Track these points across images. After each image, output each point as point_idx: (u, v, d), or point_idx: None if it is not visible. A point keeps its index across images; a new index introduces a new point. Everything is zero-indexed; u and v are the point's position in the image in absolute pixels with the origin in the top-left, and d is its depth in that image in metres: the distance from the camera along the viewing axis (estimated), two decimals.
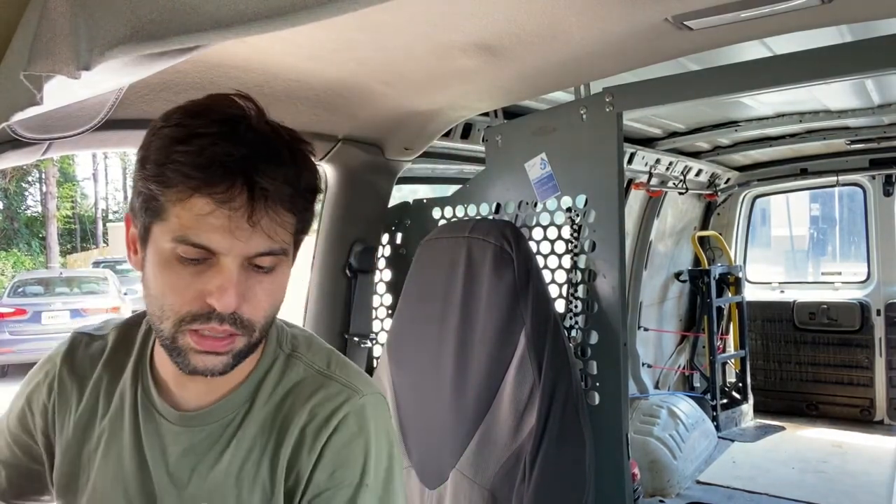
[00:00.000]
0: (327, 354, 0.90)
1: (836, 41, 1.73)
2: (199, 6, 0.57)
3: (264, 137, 0.73)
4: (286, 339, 0.90)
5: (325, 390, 0.84)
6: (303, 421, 0.82)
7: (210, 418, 0.84)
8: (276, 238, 0.74)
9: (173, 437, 0.84)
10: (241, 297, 0.74)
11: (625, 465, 1.47)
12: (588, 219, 1.55)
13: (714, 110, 3.01)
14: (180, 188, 0.70)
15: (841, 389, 4.51)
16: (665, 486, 3.37)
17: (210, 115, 0.72)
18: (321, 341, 0.93)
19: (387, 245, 1.98)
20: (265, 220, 0.72)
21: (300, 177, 0.75)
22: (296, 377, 0.86)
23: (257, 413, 0.84)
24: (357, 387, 0.85)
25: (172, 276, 0.73)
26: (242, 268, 0.74)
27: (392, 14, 1.03)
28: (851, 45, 1.51)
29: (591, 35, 1.18)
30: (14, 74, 0.61)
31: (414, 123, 1.70)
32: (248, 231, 0.71)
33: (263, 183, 0.71)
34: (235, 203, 0.70)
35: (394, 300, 1.94)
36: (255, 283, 0.75)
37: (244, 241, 0.72)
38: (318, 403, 0.83)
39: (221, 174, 0.69)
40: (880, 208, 4.35)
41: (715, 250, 4.78)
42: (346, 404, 0.83)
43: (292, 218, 0.76)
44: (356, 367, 0.91)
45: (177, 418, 0.84)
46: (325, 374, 0.86)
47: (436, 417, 1.58)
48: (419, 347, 1.66)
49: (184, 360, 0.76)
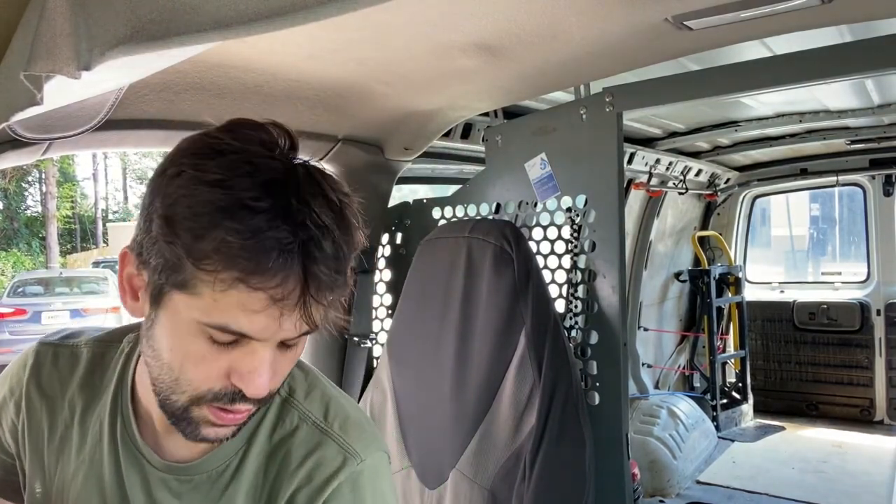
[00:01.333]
0: (325, 402, 0.82)
1: (836, 41, 1.73)
2: (199, 6, 0.57)
3: (316, 207, 0.64)
4: (283, 381, 0.83)
5: (321, 452, 0.77)
6: (294, 486, 0.76)
7: (199, 469, 0.78)
8: (315, 320, 0.67)
9: (159, 482, 0.78)
10: (276, 380, 0.69)
11: (625, 465, 1.47)
12: (588, 219, 1.55)
13: (714, 110, 3.01)
14: (223, 273, 0.61)
15: (841, 389, 4.51)
16: (665, 486, 3.37)
17: (257, 175, 0.62)
18: (322, 382, 0.86)
19: (387, 245, 1.98)
20: (314, 310, 0.65)
21: (350, 252, 0.67)
22: (290, 427, 0.79)
23: (249, 466, 0.78)
24: (355, 450, 0.78)
25: (195, 352, 0.66)
26: (275, 348, 0.68)
27: (392, 14, 1.03)
28: (851, 45, 1.51)
29: (591, 35, 1.18)
30: (14, 74, 0.61)
31: (414, 123, 1.70)
32: (297, 321, 0.65)
33: (319, 274, 0.63)
34: (290, 299, 0.62)
35: (394, 300, 1.94)
36: (282, 359, 0.70)
37: (288, 329, 0.65)
38: (313, 468, 0.76)
39: (281, 265, 0.61)
40: (880, 208, 4.35)
41: (715, 250, 4.78)
42: (341, 472, 0.76)
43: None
44: (356, 416, 0.83)
45: (163, 466, 0.78)
46: (321, 429, 0.79)
47: (436, 417, 1.58)
48: (419, 347, 1.66)
49: (193, 430, 0.70)
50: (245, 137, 0.65)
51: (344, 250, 0.66)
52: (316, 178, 0.66)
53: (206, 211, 0.60)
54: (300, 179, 0.64)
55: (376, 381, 1.76)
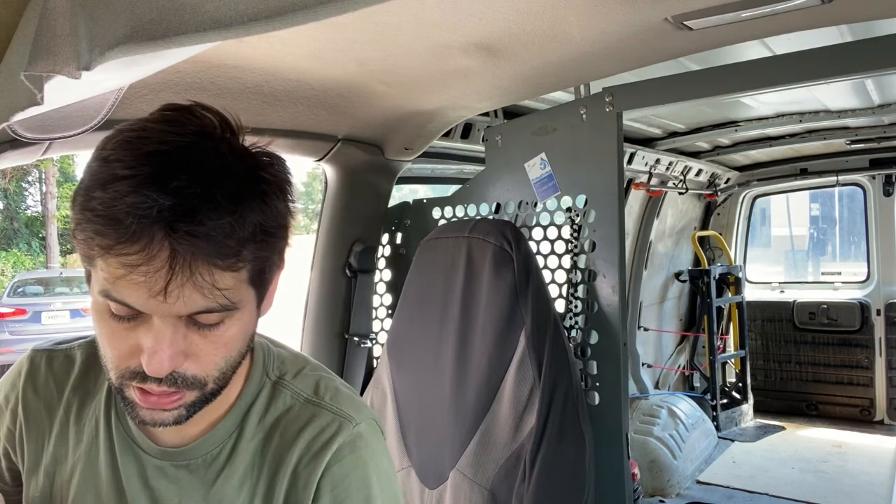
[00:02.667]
0: (315, 380, 0.84)
1: (836, 41, 1.73)
2: (199, 6, 0.57)
3: (202, 177, 0.61)
4: (273, 365, 0.84)
5: (317, 421, 0.79)
6: (296, 457, 0.77)
7: (194, 453, 0.78)
8: (214, 296, 0.64)
9: (155, 470, 0.78)
10: (180, 356, 0.66)
11: (625, 465, 1.47)
12: (588, 219, 1.55)
13: (714, 110, 3.01)
14: (94, 243, 0.61)
15: (841, 389, 4.51)
16: (665, 485, 3.37)
17: (143, 147, 0.61)
18: (312, 363, 0.87)
19: (387, 245, 1.98)
20: (197, 280, 0.62)
21: (242, 223, 0.63)
22: (283, 407, 0.81)
23: (244, 448, 0.79)
24: (349, 414, 0.80)
25: (107, 329, 0.66)
26: (179, 325, 0.65)
27: (392, 14, 1.03)
28: (851, 45, 1.51)
29: (591, 35, 1.18)
30: (14, 74, 0.61)
31: (414, 123, 1.70)
32: (175, 293, 0.61)
33: (189, 240, 0.60)
34: (153, 265, 0.60)
35: (394, 300, 1.94)
36: (198, 340, 0.67)
37: (171, 302, 0.62)
38: (311, 437, 0.78)
39: (135, 232, 0.59)
40: (880, 208, 4.35)
41: (715, 250, 4.78)
42: (339, 435, 0.78)
43: (235, 272, 0.65)
44: (346, 390, 0.85)
45: (158, 453, 0.78)
46: (314, 402, 0.81)
47: (436, 417, 1.58)
48: (419, 347, 1.66)
49: (133, 412, 0.70)
50: (162, 117, 0.66)
51: (230, 219, 0.62)
52: (221, 151, 0.65)
53: (85, 186, 0.62)
54: (194, 150, 0.63)
55: (376, 381, 1.76)
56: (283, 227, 0.70)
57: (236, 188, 0.63)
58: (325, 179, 1.82)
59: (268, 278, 0.72)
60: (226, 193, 0.62)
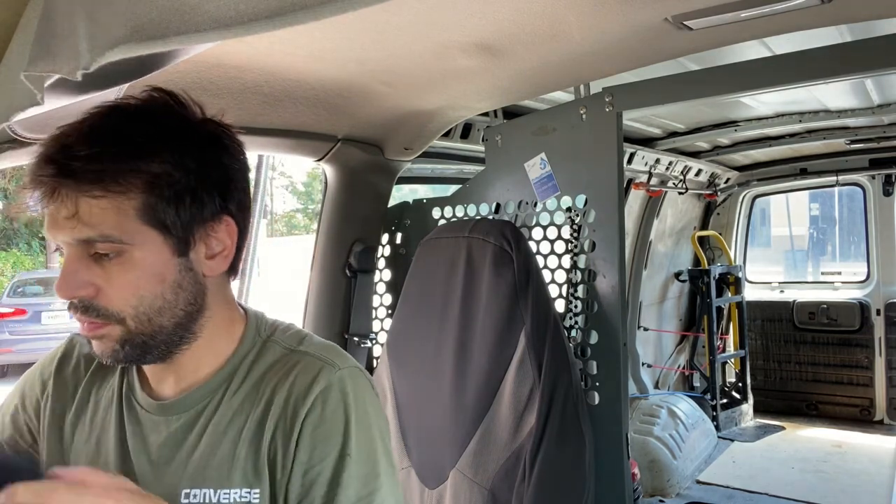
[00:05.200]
0: (303, 335, 0.90)
1: (836, 41, 1.73)
2: (199, 6, 0.57)
3: (98, 121, 0.74)
4: (265, 327, 0.91)
5: (301, 365, 0.84)
6: (282, 399, 0.82)
7: (186, 405, 0.85)
8: (95, 223, 0.73)
9: (153, 426, 0.85)
10: (88, 285, 0.75)
11: (625, 465, 1.47)
12: (588, 219, 1.55)
13: (714, 110, 3.01)
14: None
15: (841, 389, 4.51)
16: (665, 485, 3.37)
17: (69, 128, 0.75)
18: (302, 330, 0.93)
19: (387, 245, 1.98)
20: (69, 206, 0.72)
21: (104, 155, 0.73)
22: (271, 358, 0.87)
23: (232, 397, 0.84)
24: (332, 360, 0.85)
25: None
26: (83, 255, 0.75)
27: (392, 14, 1.03)
28: (851, 45, 1.51)
29: (591, 35, 1.18)
30: (14, 74, 0.61)
31: (414, 123, 1.70)
32: (71, 221, 0.72)
33: (63, 170, 0.71)
34: (46, 199, 0.72)
35: (394, 300, 1.94)
36: (100, 272, 0.75)
37: (68, 229, 0.73)
38: (294, 380, 0.83)
39: (43, 169, 0.72)
40: (880, 208, 4.35)
41: (715, 250, 4.78)
42: (321, 377, 0.82)
43: (113, 198, 0.73)
44: (334, 345, 0.90)
45: (155, 408, 0.85)
46: (299, 350, 0.87)
47: (436, 417, 1.58)
48: (419, 347, 1.66)
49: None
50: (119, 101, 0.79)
51: (94, 151, 0.72)
52: (120, 107, 0.77)
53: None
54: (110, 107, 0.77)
55: (376, 381, 1.75)
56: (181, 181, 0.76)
57: (118, 134, 0.74)
58: (325, 179, 1.82)
59: (172, 223, 0.77)
60: (101, 133, 0.73)
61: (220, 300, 0.86)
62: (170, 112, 0.79)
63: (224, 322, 0.87)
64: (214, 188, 0.80)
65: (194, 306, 0.82)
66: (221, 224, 0.82)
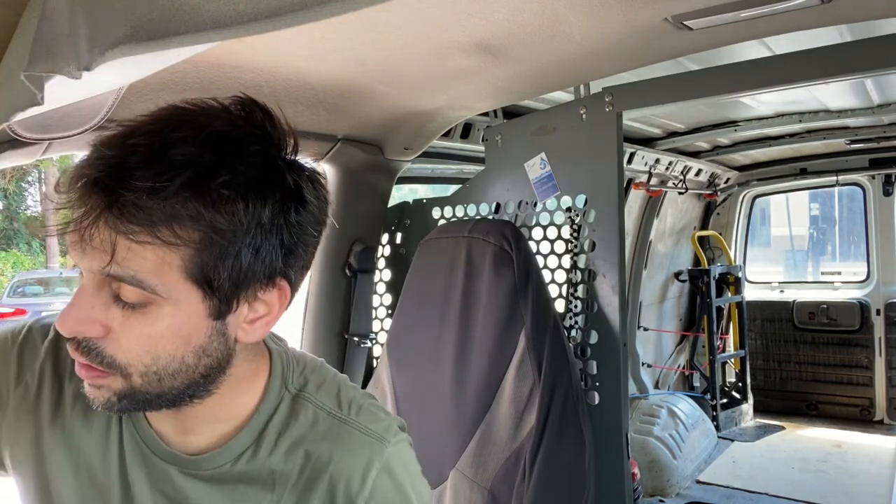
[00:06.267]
0: (337, 393, 0.80)
1: (836, 41, 1.73)
2: (199, 6, 0.57)
3: (171, 135, 0.61)
4: (292, 376, 0.79)
5: (348, 440, 0.75)
6: (329, 480, 0.74)
7: (206, 465, 0.75)
8: (131, 266, 0.61)
9: (161, 473, 0.75)
10: (96, 324, 0.63)
11: (625, 465, 1.47)
12: (588, 219, 1.55)
13: (714, 110, 3.01)
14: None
15: (840, 389, 4.51)
16: (665, 485, 3.37)
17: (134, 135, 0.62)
18: (331, 373, 0.83)
19: (387, 245, 1.98)
20: (121, 244, 0.60)
21: (167, 196, 0.59)
22: (305, 422, 0.76)
23: (262, 463, 0.75)
24: (380, 434, 0.76)
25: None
26: (103, 291, 0.63)
27: (392, 14, 1.03)
28: (851, 45, 1.51)
29: (591, 35, 1.18)
30: (14, 74, 0.61)
31: (414, 123, 1.70)
32: (102, 255, 0.60)
33: (108, 194, 0.59)
34: (79, 216, 0.60)
35: (394, 300, 1.94)
36: (119, 317, 0.63)
37: (96, 261, 0.61)
38: (343, 461, 0.74)
39: (83, 191, 0.60)
40: (880, 208, 4.35)
41: (715, 250, 4.78)
42: (375, 461, 0.74)
43: (160, 247, 0.61)
44: (370, 402, 0.81)
45: (167, 456, 0.75)
46: (342, 419, 0.77)
47: (436, 417, 1.58)
48: (419, 347, 1.66)
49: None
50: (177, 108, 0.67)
51: (152, 185, 0.59)
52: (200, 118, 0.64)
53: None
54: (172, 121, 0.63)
55: (376, 381, 1.76)
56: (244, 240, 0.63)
57: (189, 168, 0.60)
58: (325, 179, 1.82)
59: (219, 285, 0.64)
60: (171, 160, 0.60)
61: (245, 355, 0.74)
62: (260, 144, 0.66)
63: (246, 376, 0.75)
64: (280, 249, 0.66)
65: (216, 370, 0.70)
66: (275, 288, 0.69)
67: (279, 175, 0.66)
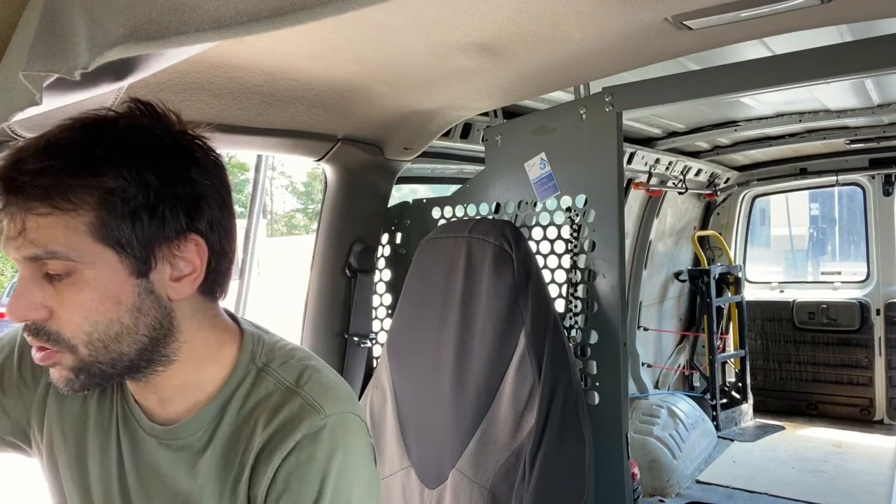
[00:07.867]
0: (301, 369, 0.84)
1: (836, 41, 1.73)
2: (199, 6, 0.57)
3: (57, 134, 0.71)
4: (261, 353, 0.85)
5: (287, 409, 0.79)
6: (261, 442, 0.78)
7: (178, 434, 0.81)
8: (41, 240, 0.69)
9: (145, 444, 0.82)
10: (40, 307, 0.71)
11: (625, 465, 1.47)
12: (588, 218, 1.55)
13: (714, 110, 3.01)
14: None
15: (840, 389, 4.51)
16: (665, 485, 3.37)
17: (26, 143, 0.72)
18: (304, 353, 0.88)
19: (386, 245, 1.98)
20: (17, 221, 0.69)
21: (53, 170, 0.68)
22: (263, 392, 0.81)
23: (223, 433, 0.80)
24: (320, 406, 0.79)
25: None
26: (37, 275, 0.71)
27: (392, 14, 1.03)
28: (851, 45, 1.51)
29: (591, 35, 1.18)
30: (14, 74, 0.61)
31: (414, 123, 1.70)
32: (17, 239, 0.69)
33: (11, 184, 0.69)
34: (4, 211, 0.70)
35: (394, 300, 1.94)
36: (53, 293, 0.71)
37: (14, 247, 0.70)
38: (278, 423, 0.78)
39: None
40: (880, 208, 4.35)
41: (714, 250, 4.78)
42: (303, 426, 0.77)
43: (61, 215, 0.69)
44: (335, 380, 0.85)
45: (148, 427, 0.82)
46: (292, 389, 0.81)
47: (435, 417, 1.58)
48: (419, 347, 1.66)
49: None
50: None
51: (41, 166, 0.69)
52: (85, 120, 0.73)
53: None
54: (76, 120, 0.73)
55: (376, 381, 1.76)
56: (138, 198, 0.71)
57: (71, 148, 0.70)
58: (325, 179, 1.82)
59: (127, 242, 0.72)
60: (55, 147, 0.70)
61: (200, 323, 0.81)
62: (135, 124, 0.74)
63: (208, 346, 0.82)
64: (179, 205, 0.74)
65: (160, 331, 0.76)
66: (189, 244, 0.76)
67: (156, 141, 0.74)
